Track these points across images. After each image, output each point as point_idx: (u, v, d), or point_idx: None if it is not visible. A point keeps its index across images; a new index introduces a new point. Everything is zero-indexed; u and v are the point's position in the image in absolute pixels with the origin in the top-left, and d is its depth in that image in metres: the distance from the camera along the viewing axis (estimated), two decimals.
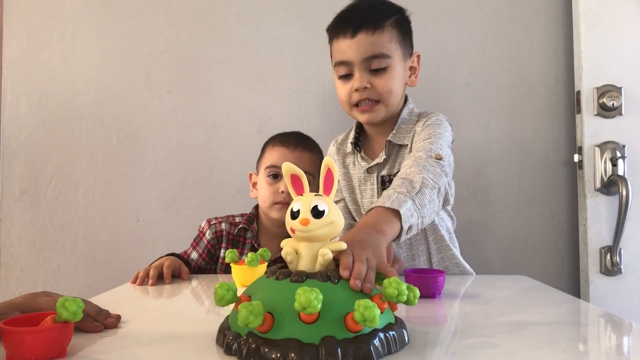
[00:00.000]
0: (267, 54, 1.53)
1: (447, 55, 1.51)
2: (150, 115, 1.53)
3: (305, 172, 1.22)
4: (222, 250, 1.28)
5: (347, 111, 1.11)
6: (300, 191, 0.61)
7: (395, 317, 0.59)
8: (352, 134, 1.17)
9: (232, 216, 1.32)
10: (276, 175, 1.24)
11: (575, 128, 1.48)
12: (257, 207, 1.32)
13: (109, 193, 1.53)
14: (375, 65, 1.03)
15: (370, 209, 0.79)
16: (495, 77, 1.53)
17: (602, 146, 1.41)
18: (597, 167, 1.41)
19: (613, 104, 1.39)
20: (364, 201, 1.13)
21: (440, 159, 0.93)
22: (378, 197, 1.04)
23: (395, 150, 1.10)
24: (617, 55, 1.42)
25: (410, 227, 0.79)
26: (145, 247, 1.51)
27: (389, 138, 1.08)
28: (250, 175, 1.33)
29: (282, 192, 1.21)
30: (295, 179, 0.62)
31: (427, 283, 0.85)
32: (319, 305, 0.49)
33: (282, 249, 1.22)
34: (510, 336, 0.63)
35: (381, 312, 0.52)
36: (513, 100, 1.52)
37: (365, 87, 1.03)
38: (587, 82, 1.42)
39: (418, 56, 1.11)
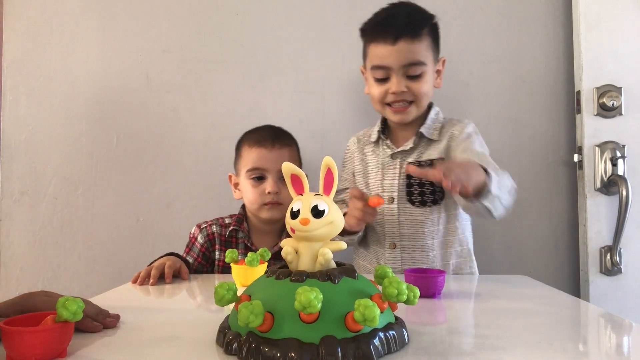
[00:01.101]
0: (267, 54, 1.53)
1: (447, 55, 1.50)
2: (150, 115, 1.53)
3: None
4: (217, 252, 1.28)
5: (378, 109, 1.19)
6: (300, 191, 0.61)
7: (395, 316, 0.59)
8: (378, 125, 1.24)
9: (222, 218, 1.31)
10: (260, 177, 1.23)
11: (575, 128, 1.48)
12: (244, 206, 1.31)
13: (109, 193, 1.53)
14: (412, 72, 1.12)
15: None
16: (495, 77, 1.52)
17: (602, 146, 1.41)
18: (597, 167, 1.41)
19: (613, 104, 1.39)
20: (384, 182, 1.19)
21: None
22: (399, 180, 1.16)
23: (424, 142, 1.18)
24: (617, 55, 1.42)
25: (489, 192, 0.91)
26: (145, 247, 1.51)
27: (421, 130, 1.17)
28: (230, 177, 1.32)
29: (269, 192, 1.21)
30: (295, 179, 0.62)
31: (427, 283, 0.85)
32: (319, 305, 0.49)
33: (276, 244, 1.24)
34: (510, 336, 0.63)
35: (381, 312, 0.52)
36: (513, 100, 1.52)
37: (403, 91, 1.12)
38: (587, 82, 1.42)
39: (444, 61, 1.21)
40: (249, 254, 0.93)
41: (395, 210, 1.16)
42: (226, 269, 1.25)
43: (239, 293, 0.58)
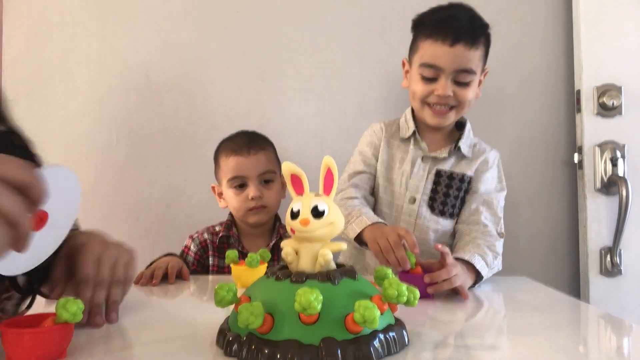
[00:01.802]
0: (267, 53, 1.53)
1: None
2: (150, 115, 1.53)
3: (266, 172, 1.25)
4: (211, 259, 1.28)
5: (417, 106, 1.16)
6: (300, 190, 0.61)
7: (395, 318, 0.59)
8: (410, 122, 1.20)
9: (212, 226, 1.33)
10: (241, 185, 1.25)
11: (575, 128, 1.48)
12: (231, 212, 1.32)
13: (109, 193, 1.53)
14: (462, 79, 1.10)
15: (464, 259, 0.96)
16: (495, 77, 1.52)
17: (602, 146, 1.41)
18: (597, 167, 1.40)
19: (613, 104, 1.39)
20: (410, 181, 1.17)
21: (502, 237, 1.11)
22: (426, 184, 1.16)
23: (457, 155, 1.18)
24: (617, 55, 1.41)
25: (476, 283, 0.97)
26: (145, 247, 1.51)
27: (460, 144, 1.16)
28: (213, 187, 1.34)
29: (252, 198, 1.22)
30: (295, 179, 0.62)
31: (419, 283, 0.84)
32: (319, 306, 0.49)
33: (267, 245, 1.23)
34: (510, 337, 0.63)
35: (381, 313, 0.51)
36: (513, 100, 1.52)
37: (449, 95, 1.10)
38: (587, 82, 1.42)
39: (487, 72, 1.18)
40: (249, 255, 0.93)
41: (415, 212, 1.15)
42: (220, 274, 1.26)
43: (238, 294, 0.57)
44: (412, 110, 1.21)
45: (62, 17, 1.54)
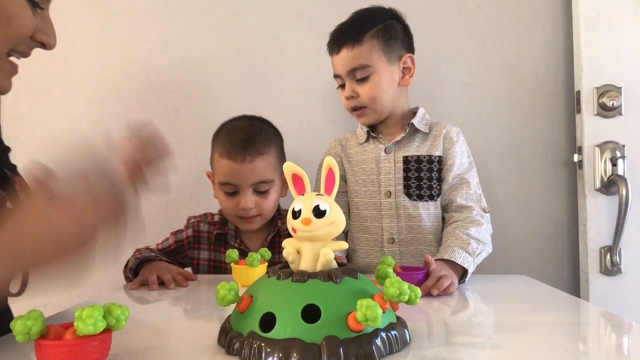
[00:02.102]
0: (267, 54, 1.53)
1: (447, 55, 1.51)
2: (150, 115, 1.53)
3: (263, 182, 1.17)
4: (207, 252, 1.25)
5: (350, 114, 1.25)
6: (301, 190, 0.61)
7: (397, 316, 0.59)
8: (364, 127, 1.25)
9: (211, 214, 1.27)
10: (232, 192, 1.17)
11: (575, 128, 1.48)
12: None
13: None
14: (358, 75, 1.16)
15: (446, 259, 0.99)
16: (494, 77, 1.53)
17: (602, 146, 1.41)
18: (597, 167, 1.41)
19: (613, 104, 1.39)
20: (380, 177, 1.20)
21: (488, 212, 1.15)
22: (396, 173, 1.18)
23: (415, 134, 1.21)
24: (617, 55, 1.42)
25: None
26: None
27: (412, 121, 1.19)
28: (208, 175, 1.28)
29: (243, 209, 1.15)
30: (296, 179, 0.62)
31: (412, 280, 0.86)
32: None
33: (267, 238, 1.21)
34: (510, 336, 0.63)
35: (383, 312, 0.52)
36: (513, 100, 1.52)
37: (352, 96, 1.18)
38: (587, 82, 1.42)
39: (410, 57, 1.21)
40: (250, 254, 0.93)
41: (393, 204, 1.17)
42: (217, 269, 1.24)
43: (240, 293, 0.58)
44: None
45: (62, 17, 1.54)
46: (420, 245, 1.17)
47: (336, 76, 1.22)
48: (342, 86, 1.21)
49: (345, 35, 1.18)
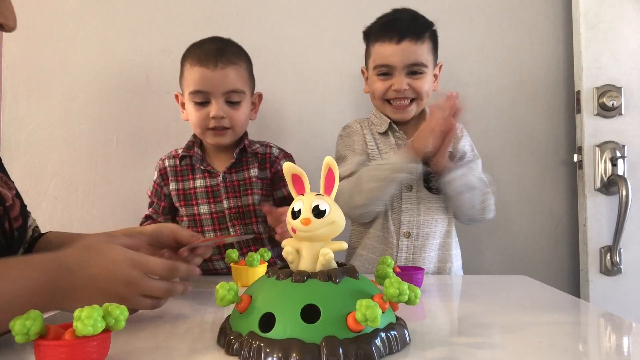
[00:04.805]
0: (267, 53, 1.53)
1: (447, 55, 1.51)
2: (150, 115, 1.53)
3: (233, 91, 1.15)
4: (172, 184, 1.22)
5: (378, 105, 1.24)
6: (301, 190, 0.61)
7: (397, 316, 0.59)
8: (384, 117, 1.25)
9: (175, 150, 1.26)
10: (203, 102, 1.14)
11: (575, 128, 1.48)
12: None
13: (109, 193, 1.53)
14: (414, 71, 1.18)
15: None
16: (495, 77, 1.53)
17: (602, 146, 1.41)
18: (597, 167, 1.41)
19: (613, 104, 1.39)
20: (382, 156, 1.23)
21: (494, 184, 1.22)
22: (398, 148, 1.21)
23: None
24: (617, 55, 1.42)
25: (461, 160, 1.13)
26: None
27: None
28: (177, 96, 1.25)
29: (213, 117, 1.13)
30: (296, 179, 0.62)
31: (412, 280, 0.85)
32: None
33: (229, 162, 1.17)
34: (510, 336, 0.63)
35: (382, 312, 0.52)
36: (513, 100, 1.52)
37: (405, 89, 1.18)
38: (587, 82, 1.42)
39: (441, 66, 1.26)
40: (249, 254, 0.93)
41: (415, 198, 1.18)
42: (187, 197, 1.21)
43: (239, 293, 0.58)
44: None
45: (62, 17, 1.54)
46: (432, 239, 1.18)
47: (384, 66, 1.19)
48: (385, 75, 1.19)
49: (408, 28, 1.17)
